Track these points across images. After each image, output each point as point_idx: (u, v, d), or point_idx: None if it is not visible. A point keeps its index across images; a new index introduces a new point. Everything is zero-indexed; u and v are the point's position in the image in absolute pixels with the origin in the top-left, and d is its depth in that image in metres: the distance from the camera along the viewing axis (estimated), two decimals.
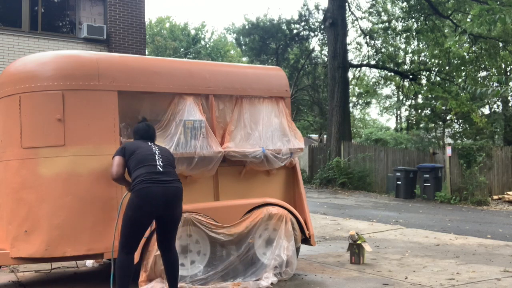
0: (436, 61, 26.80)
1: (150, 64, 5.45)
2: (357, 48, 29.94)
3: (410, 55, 30.70)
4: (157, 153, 4.46)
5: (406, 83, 27.68)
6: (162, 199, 4.23)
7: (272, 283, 5.27)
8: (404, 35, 26.69)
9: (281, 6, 72.38)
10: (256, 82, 5.93)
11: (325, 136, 27.89)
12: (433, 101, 27.75)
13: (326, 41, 25.03)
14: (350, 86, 27.37)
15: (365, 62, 27.39)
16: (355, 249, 6.52)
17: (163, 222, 4.40)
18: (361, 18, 30.37)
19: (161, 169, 4.34)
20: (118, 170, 4.43)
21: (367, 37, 26.73)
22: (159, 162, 4.37)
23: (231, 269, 5.27)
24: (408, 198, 16.29)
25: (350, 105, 27.75)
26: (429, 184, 16.11)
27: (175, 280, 4.47)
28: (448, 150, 16.19)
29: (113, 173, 4.44)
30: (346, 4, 23.16)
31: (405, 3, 24.31)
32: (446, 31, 23.84)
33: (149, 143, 4.59)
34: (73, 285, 5.44)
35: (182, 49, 41.42)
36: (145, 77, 5.22)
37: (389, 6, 27.60)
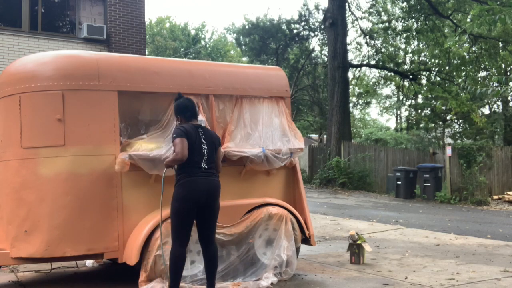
0: (436, 61, 26.80)
1: (150, 64, 5.45)
2: (357, 48, 29.96)
3: (410, 55, 30.70)
4: (206, 154, 4.57)
5: (406, 83, 27.68)
6: (204, 188, 4.49)
7: (272, 283, 5.27)
8: (404, 35, 26.67)
9: (281, 6, 72.44)
10: (256, 82, 5.93)
11: (325, 136, 27.89)
12: (433, 101, 27.75)
13: (326, 41, 25.03)
14: (350, 86, 27.37)
15: (365, 62, 27.39)
16: (355, 249, 6.52)
17: (204, 213, 4.55)
18: (361, 18, 30.39)
19: (204, 170, 4.55)
20: (185, 153, 4.38)
21: (367, 37, 26.73)
22: (204, 165, 4.55)
23: (231, 269, 5.27)
24: (408, 198, 16.29)
25: (350, 105, 27.75)
26: (429, 184, 16.10)
27: (214, 274, 4.64)
28: (448, 150, 16.18)
29: (182, 153, 4.36)
30: (346, 4, 23.15)
31: (405, 3, 24.31)
32: (446, 31, 23.83)
33: (200, 133, 4.59)
34: (73, 285, 5.44)
35: (182, 49, 41.42)
36: (145, 77, 5.22)
37: (389, 6, 27.60)
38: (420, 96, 30.03)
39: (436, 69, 26.61)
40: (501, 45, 22.48)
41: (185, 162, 4.46)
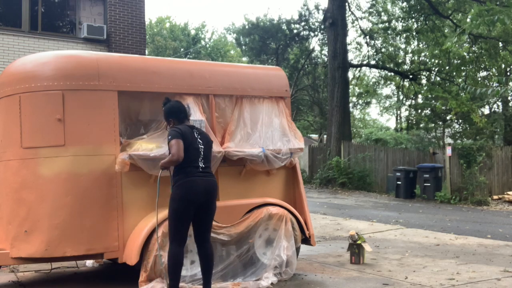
0: (436, 61, 26.79)
1: (150, 64, 5.45)
2: (357, 48, 30.00)
3: (410, 55, 30.71)
4: (202, 152, 4.60)
5: (406, 83, 27.68)
6: (202, 188, 4.51)
7: (272, 283, 5.27)
8: (404, 35, 26.69)
9: (281, 6, 72.42)
10: (256, 82, 5.93)
11: (325, 136, 27.87)
12: (433, 101, 27.74)
13: (326, 41, 25.04)
14: (350, 86, 27.37)
15: (365, 62, 27.39)
16: (355, 249, 6.52)
17: (202, 212, 4.58)
18: (361, 18, 30.40)
19: (201, 169, 4.58)
20: (181, 154, 4.40)
21: (367, 37, 26.73)
22: (201, 163, 4.58)
23: (231, 269, 5.27)
24: (408, 198, 16.29)
25: (350, 105, 27.74)
26: (429, 184, 16.10)
27: (210, 273, 4.65)
28: (448, 150, 16.18)
29: (178, 154, 4.36)
30: (346, 4, 23.15)
31: (405, 3, 24.31)
32: (446, 31, 23.83)
33: (195, 134, 4.62)
34: (73, 285, 5.44)
35: (182, 49, 41.42)
36: (145, 77, 5.22)
37: (389, 6, 27.60)
38: (420, 96, 30.02)
39: (436, 69, 26.61)
40: (501, 45, 22.47)
41: (182, 163, 4.46)
